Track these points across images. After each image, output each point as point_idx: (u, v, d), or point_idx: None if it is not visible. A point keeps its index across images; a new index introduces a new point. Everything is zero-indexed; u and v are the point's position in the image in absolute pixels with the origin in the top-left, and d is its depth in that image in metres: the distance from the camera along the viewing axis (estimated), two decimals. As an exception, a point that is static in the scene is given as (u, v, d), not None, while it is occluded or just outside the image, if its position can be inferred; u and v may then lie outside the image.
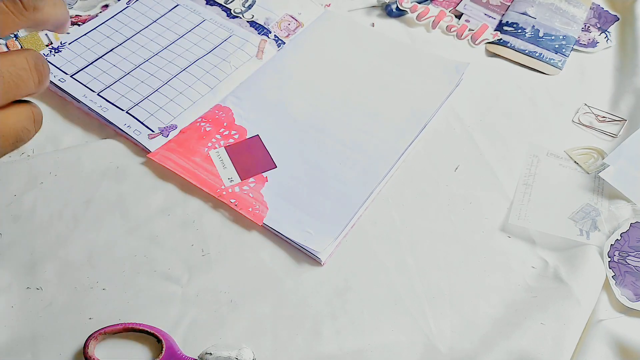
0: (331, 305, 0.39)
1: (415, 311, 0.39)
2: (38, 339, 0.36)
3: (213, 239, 0.42)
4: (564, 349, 0.36)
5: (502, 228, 0.44)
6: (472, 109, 0.52)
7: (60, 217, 0.42)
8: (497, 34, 0.59)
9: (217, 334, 0.37)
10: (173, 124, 0.48)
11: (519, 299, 0.40)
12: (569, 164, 0.48)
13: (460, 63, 0.55)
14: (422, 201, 0.45)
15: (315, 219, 0.42)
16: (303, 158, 0.46)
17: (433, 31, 0.60)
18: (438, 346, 0.37)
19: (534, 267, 0.42)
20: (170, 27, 0.56)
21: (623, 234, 0.43)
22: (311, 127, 0.49)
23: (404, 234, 0.43)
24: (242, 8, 0.59)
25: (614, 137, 0.51)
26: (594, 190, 0.46)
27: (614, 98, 0.55)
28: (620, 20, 0.62)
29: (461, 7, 0.62)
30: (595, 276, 0.40)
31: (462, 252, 0.42)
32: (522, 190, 0.46)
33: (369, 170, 0.46)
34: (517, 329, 0.38)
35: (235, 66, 0.53)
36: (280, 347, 0.37)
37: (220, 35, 0.56)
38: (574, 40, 0.59)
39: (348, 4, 0.62)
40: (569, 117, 0.53)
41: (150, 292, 0.38)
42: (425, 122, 0.49)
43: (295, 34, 0.57)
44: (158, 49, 0.54)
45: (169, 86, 0.51)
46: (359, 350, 0.37)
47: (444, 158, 0.48)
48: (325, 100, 0.51)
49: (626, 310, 0.39)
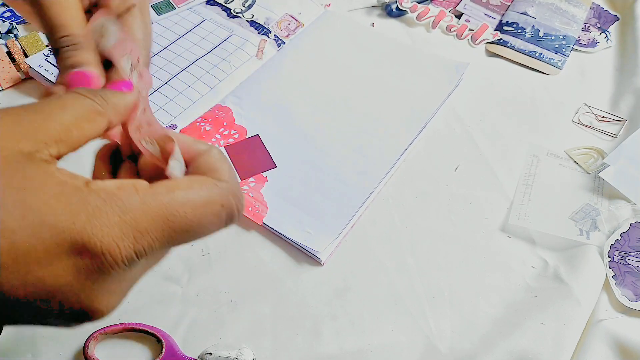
0: (331, 306, 0.39)
1: (415, 311, 0.39)
2: (38, 339, 0.36)
3: (213, 239, 0.41)
4: (564, 349, 0.36)
5: (502, 228, 0.44)
6: (472, 109, 0.52)
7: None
8: (497, 34, 0.59)
9: (217, 334, 0.37)
10: (173, 123, 0.48)
11: (519, 299, 0.40)
12: (569, 164, 0.48)
13: (460, 63, 0.55)
14: (422, 201, 0.45)
15: (315, 218, 0.42)
16: (303, 158, 0.46)
17: (433, 31, 0.60)
18: (438, 346, 0.37)
19: (534, 267, 0.42)
20: (171, 27, 0.56)
21: (623, 234, 0.42)
22: (311, 127, 0.49)
23: (404, 234, 0.43)
24: (242, 8, 0.59)
25: (614, 137, 0.51)
26: (594, 190, 0.46)
27: (614, 98, 0.55)
28: (620, 20, 0.62)
29: (461, 7, 0.62)
30: (595, 276, 0.40)
31: (462, 252, 0.42)
32: (522, 190, 0.46)
33: (369, 170, 0.46)
34: (517, 329, 0.38)
35: (235, 66, 0.53)
36: (280, 347, 0.37)
37: (220, 35, 0.56)
38: (574, 40, 0.59)
39: (348, 4, 0.62)
40: (569, 117, 0.53)
41: (150, 292, 0.38)
42: (425, 122, 0.49)
43: (295, 34, 0.57)
44: (158, 48, 0.54)
45: (169, 86, 0.51)
46: (359, 350, 0.37)
47: (444, 158, 0.48)
48: (325, 100, 0.51)
49: (626, 310, 0.39)
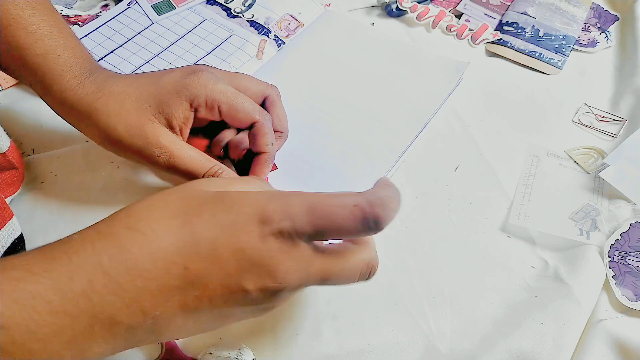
0: (331, 305, 0.39)
1: (415, 311, 0.39)
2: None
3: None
4: (564, 349, 0.36)
5: (502, 228, 0.44)
6: (472, 108, 0.52)
7: (60, 217, 0.42)
8: (497, 33, 0.59)
9: (217, 334, 0.37)
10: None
11: (519, 299, 0.40)
12: (569, 164, 0.48)
13: (460, 62, 0.55)
14: (422, 201, 0.45)
15: (315, 219, 0.42)
16: (303, 158, 0.46)
17: (433, 31, 0.60)
18: (438, 346, 0.37)
19: (534, 267, 0.42)
20: (171, 27, 0.56)
21: (623, 233, 0.42)
22: (311, 127, 0.49)
23: (404, 234, 0.43)
24: (242, 7, 0.59)
25: (614, 137, 0.51)
26: (594, 190, 0.46)
27: (614, 98, 0.55)
28: (620, 20, 0.62)
29: (461, 7, 0.62)
30: (595, 276, 0.40)
31: (462, 252, 0.42)
32: (522, 190, 0.46)
33: (369, 170, 0.46)
34: (517, 329, 0.38)
35: (235, 67, 0.53)
36: (280, 347, 0.37)
37: (221, 35, 0.56)
38: (574, 40, 0.59)
39: (348, 4, 0.62)
40: (569, 117, 0.53)
41: (151, 292, 0.38)
42: (425, 121, 0.49)
43: (295, 34, 0.57)
44: (158, 50, 0.54)
45: (169, 86, 0.51)
46: (359, 350, 0.37)
47: (444, 158, 0.48)
48: (325, 100, 0.51)
49: (626, 310, 0.39)
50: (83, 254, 0.24)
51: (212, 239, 0.25)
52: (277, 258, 0.26)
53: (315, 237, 0.27)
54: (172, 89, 0.36)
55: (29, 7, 0.37)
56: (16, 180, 0.42)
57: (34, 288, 0.22)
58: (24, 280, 0.22)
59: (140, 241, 0.25)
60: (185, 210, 0.26)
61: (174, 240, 0.25)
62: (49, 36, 0.37)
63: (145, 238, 0.25)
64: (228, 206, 0.26)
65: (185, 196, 0.27)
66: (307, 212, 0.26)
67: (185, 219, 0.26)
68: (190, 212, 0.26)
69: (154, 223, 0.25)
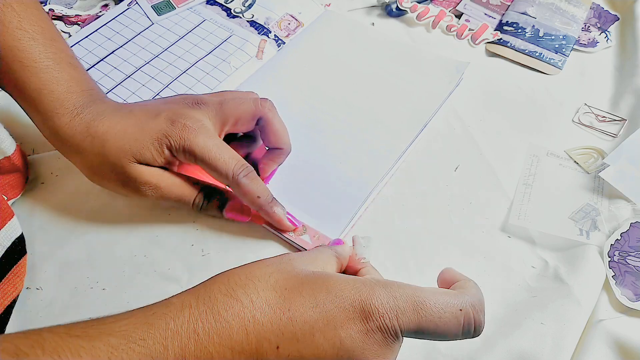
0: (331, 305, 0.39)
1: (415, 311, 0.39)
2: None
3: (213, 239, 0.42)
4: (564, 349, 0.36)
5: (502, 228, 0.44)
6: (472, 108, 0.52)
7: (60, 217, 0.42)
8: (497, 33, 0.59)
9: None
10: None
11: (519, 299, 0.40)
12: (569, 164, 0.48)
13: (460, 62, 0.55)
14: (422, 201, 0.45)
15: (316, 218, 0.42)
16: (303, 158, 0.46)
17: (433, 31, 0.60)
18: (438, 346, 0.37)
19: (534, 267, 0.42)
20: (171, 27, 0.56)
21: (623, 233, 0.42)
22: (311, 127, 0.49)
23: (404, 234, 0.43)
24: (242, 7, 0.59)
25: (614, 137, 0.51)
26: (594, 190, 0.46)
27: (614, 98, 0.55)
28: (620, 20, 0.62)
29: (461, 7, 0.62)
30: (595, 276, 0.40)
31: (462, 252, 0.42)
32: (522, 190, 0.46)
33: (369, 170, 0.46)
34: (517, 329, 0.38)
35: (235, 67, 0.53)
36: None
37: (220, 36, 0.56)
38: (574, 40, 0.59)
39: (348, 4, 0.62)
40: (569, 116, 0.53)
41: (150, 292, 0.38)
42: (425, 121, 0.49)
43: (295, 34, 0.57)
44: (159, 50, 0.54)
45: (169, 89, 0.51)
46: (358, 350, 0.37)
47: (444, 158, 0.48)
48: (325, 100, 0.51)
49: (626, 310, 0.39)
50: (180, 320, 0.24)
51: (310, 322, 0.25)
52: (378, 353, 0.26)
53: (415, 335, 0.27)
54: (155, 136, 0.37)
55: (27, 38, 0.37)
56: (20, 183, 0.43)
57: (129, 358, 0.22)
58: (119, 349, 0.22)
59: (237, 310, 0.25)
60: (284, 285, 0.26)
61: (271, 316, 0.25)
62: (44, 70, 0.37)
63: (242, 307, 0.25)
64: (329, 289, 0.26)
65: (285, 271, 0.27)
66: (413, 311, 0.26)
67: (285, 295, 0.26)
68: (290, 288, 0.26)
69: (252, 293, 0.25)
